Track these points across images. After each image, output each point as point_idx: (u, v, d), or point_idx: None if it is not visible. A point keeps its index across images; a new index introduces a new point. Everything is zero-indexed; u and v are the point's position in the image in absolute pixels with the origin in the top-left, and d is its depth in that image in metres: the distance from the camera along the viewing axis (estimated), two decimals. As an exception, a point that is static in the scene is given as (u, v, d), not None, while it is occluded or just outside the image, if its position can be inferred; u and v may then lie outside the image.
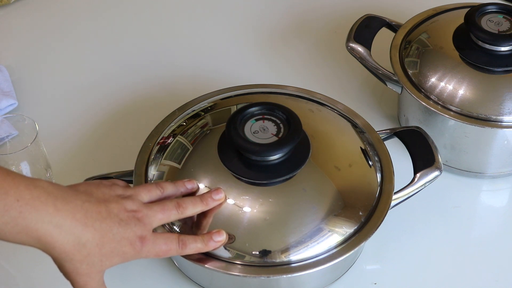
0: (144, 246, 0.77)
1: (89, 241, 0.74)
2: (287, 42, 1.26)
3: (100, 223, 0.75)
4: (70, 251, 0.73)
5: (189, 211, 0.82)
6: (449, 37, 1.04)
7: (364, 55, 1.08)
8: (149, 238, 0.78)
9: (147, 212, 0.79)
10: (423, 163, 0.92)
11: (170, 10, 1.32)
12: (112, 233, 0.75)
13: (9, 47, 1.25)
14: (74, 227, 0.73)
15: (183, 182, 0.86)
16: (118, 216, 0.76)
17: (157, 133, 0.96)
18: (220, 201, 0.85)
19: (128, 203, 0.78)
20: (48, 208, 0.72)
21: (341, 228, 0.85)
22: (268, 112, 0.89)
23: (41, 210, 0.72)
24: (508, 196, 1.05)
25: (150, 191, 0.82)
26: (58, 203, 0.73)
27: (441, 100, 1.01)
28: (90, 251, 0.74)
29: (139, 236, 0.77)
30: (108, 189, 0.79)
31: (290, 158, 0.87)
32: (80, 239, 0.73)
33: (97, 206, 0.76)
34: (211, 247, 0.82)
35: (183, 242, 0.80)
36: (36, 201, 0.72)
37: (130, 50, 1.24)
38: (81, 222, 0.73)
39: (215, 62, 1.22)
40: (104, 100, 1.15)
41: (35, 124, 0.97)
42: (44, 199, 0.72)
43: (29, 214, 0.71)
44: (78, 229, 0.73)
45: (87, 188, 0.78)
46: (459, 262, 0.95)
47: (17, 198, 0.71)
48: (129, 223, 0.77)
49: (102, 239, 0.75)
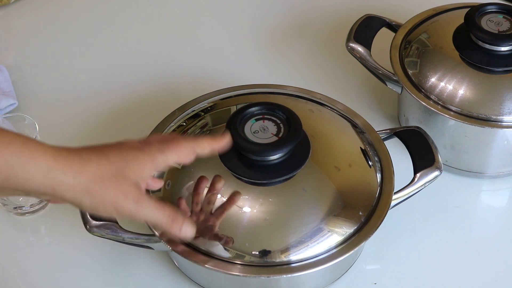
0: (150, 146, 0.76)
1: (91, 157, 0.74)
2: (287, 42, 1.26)
3: (99, 151, 0.76)
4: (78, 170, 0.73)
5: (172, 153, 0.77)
6: (449, 37, 1.04)
7: (364, 55, 1.08)
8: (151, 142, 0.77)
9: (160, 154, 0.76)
10: (423, 163, 0.92)
11: (170, 10, 1.32)
12: (113, 153, 0.75)
13: (9, 47, 1.25)
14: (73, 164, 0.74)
15: (218, 139, 0.82)
16: (122, 147, 0.76)
17: (157, 133, 0.96)
18: (213, 150, 0.80)
19: (136, 143, 0.77)
20: (40, 154, 0.72)
21: (341, 228, 0.85)
22: (268, 112, 0.89)
23: (34, 155, 0.71)
24: (508, 196, 1.05)
25: (180, 154, 0.77)
26: (48, 150, 0.73)
27: (441, 100, 1.01)
28: (99, 163, 0.74)
29: (140, 140, 0.77)
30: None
31: (290, 158, 0.87)
32: (82, 157, 0.74)
33: (96, 148, 0.77)
34: (176, 232, 0.77)
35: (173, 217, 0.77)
36: (24, 149, 0.71)
37: (130, 50, 1.24)
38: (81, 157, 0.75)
39: (215, 62, 1.22)
40: (104, 100, 1.15)
41: (35, 124, 0.97)
42: (34, 148, 0.72)
43: (18, 161, 0.70)
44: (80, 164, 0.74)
45: None
46: (459, 262, 0.95)
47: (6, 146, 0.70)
48: (135, 151, 0.76)
49: (106, 157, 0.74)
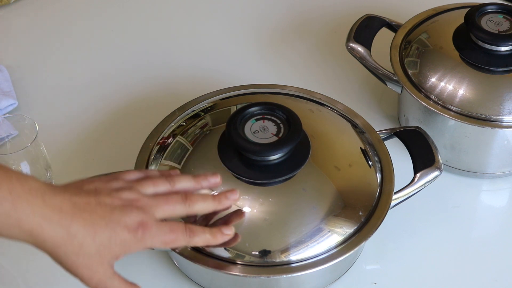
0: (146, 232, 0.73)
1: (79, 232, 0.71)
2: (287, 42, 1.26)
3: (90, 214, 0.72)
4: (61, 243, 0.71)
5: (199, 206, 0.77)
6: (449, 37, 1.04)
7: (364, 55, 1.08)
8: (151, 225, 0.73)
9: (148, 201, 0.74)
10: (423, 163, 0.92)
11: (170, 10, 1.32)
12: (104, 221, 0.72)
13: (9, 47, 1.25)
14: (63, 219, 0.71)
15: (205, 175, 0.80)
16: (111, 205, 0.73)
17: (157, 133, 0.96)
18: (235, 201, 0.81)
19: (124, 194, 0.74)
20: (38, 201, 0.71)
21: (341, 228, 0.85)
22: (268, 112, 0.89)
23: (32, 203, 0.70)
24: (508, 196, 1.05)
25: (156, 184, 0.77)
26: (47, 197, 0.71)
27: (441, 100, 1.01)
28: (82, 242, 0.71)
29: (139, 222, 0.73)
30: (104, 183, 0.76)
31: (290, 158, 0.87)
32: (70, 230, 0.71)
33: (86, 198, 0.73)
34: (220, 240, 0.78)
35: (190, 230, 0.75)
36: (27, 194, 0.70)
37: (130, 50, 1.24)
38: (69, 214, 0.71)
39: (215, 62, 1.22)
40: (104, 100, 1.15)
41: (35, 124, 0.97)
42: (34, 192, 0.71)
43: (21, 207, 0.70)
44: (67, 221, 0.71)
45: (78, 184, 0.75)
46: (459, 262, 0.95)
47: (10, 191, 0.70)
48: (124, 210, 0.73)
49: (94, 228, 0.71)
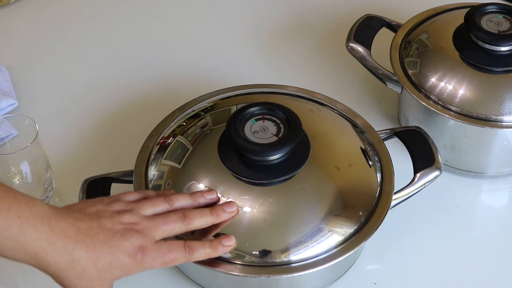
0: (145, 256, 0.76)
1: (82, 257, 0.73)
2: (287, 42, 1.26)
3: (92, 239, 0.74)
4: (64, 267, 0.73)
5: (196, 223, 0.79)
6: (449, 37, 1.04)
7: (364, 55, 1.08)
8: (151, 248, 0.76)
9: (148, 224, 0.77)
10: (423, 163, 0.92)
11: (170, 10, 1.32)
12: (106, 246, 0.74)
13: (9, 47, 1.25)
14: (67, 244, 0.73)
15: (201, 192, 0.83)
16: (112, 229, 0.75)
17: (157, 133, 0.96)
18: (232, 214, 0.82)
19: (125, 217, 0.77)
20: (44, 226, 0.73)
21: (341, 228, 0.85)
22: (268, 112, 0.89)
23: (39, 228, 0.72)
24: (508, 196, 1.05)
25: (155, 204, 0.79)
26: (52, 222, 0.73)
27: (441, 100, 1.01)
28: (84, 267, 0.74)
29: (138, 246, 0.75)
30: (105, 205, 0.78)
31: (290, 158, 0.87)
32: (73, 256, 0.73)
33: (89, 223, 0.75)
34: (220, 252, 0.81)
35: (189, 248, 0.78)
36: (35, 218, 0.72)
37: (130, 50, 1.24)
38: (73, 239, 0.74)
39: (215, 62, 1.22)
40: (104, 100, 1.15)
41: (35, 124, 0.96)
42: (41, 217, 0.73)
43: (29, 231, 0.72)
44: (70, 246, 0.73)
45: (82, 206, 0.77)
46: (459, 262, 0.95)
47: (19, 215, 0.72)
48: (125, 235, 0.75)
49: (96, 253, 0.74)
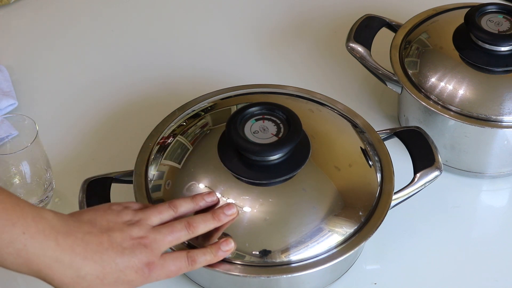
0: (152, 271, 0.76)
1: (88, 274, 0.74)
2: (287, 42, 1.26)
3: (101, 255, 0.74)
4: (69, 283, 0.73)
5: (200, 230, 0.81)
6: (449, 37, 1.04)
7: (364, 55, 1.08)
8: (157, 263, 0.77)
9: (155, 237, 0.78)
10: (423, 163, 0.92)
11: (170, 10, 1.32)
12: (114, 263, 0.75)
13: (9, 47, 1.25)
14: (74, 261, 0.73)
15: (201, 195, 0.83)
16: (122, 245, 0.76)
17: (157, 133, 0.96)
18: (233, 216, 0.83)
19: (134, 230, 0.77)
20: (50, 242, 0.72)
21: (341, 228, 0.85)
22: (268, 112, 0.89)
23: (44, 244, 0.72)
24: (508, 196, 1.05)
25: (162, 212, 0.80)
26: (60, 237, 0.73)
27: (441, 100, 1.01)
28: (90, 283, 0.74)
29: (146, 262, 0.76)
30: (115, 215, 0.78)
31: (290, 158, 0.87)
32: (79, 272, 0.73)
33: (99, 237, 0.75)
34: (221, 257, 0.82)
35: (192, 259, 0.79)
36: (40, 234, 0.72)
37: (130, 50, 1.24)
38: (80, 255, 0.73)
39: (215, 62, 1.22)
40: (104, 100, 1.15)
41: (35, 124, 0.96)
42: (48, 232, 0.72)
43: (33, 247, 0.72)
44: (78, 263, 0.73)
45: (92, 217, 0.77)
46: (459, 262, 0.95)
47: (23, 231, 0.71)
48: (134, 251, 0.76)
49: (103, 270, 0.74)
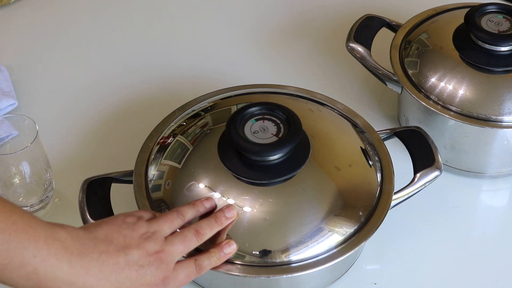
0: (167, 285, 0.77)
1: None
2: (287, 42, 1.26)
3: (117, 275, 0.74)
4: None
5: (207, 235, 0.82)
6: (449, 37, 1.04)
7: (364, 55, 1.08)
8: (171, 277, 0.78)
9: (169, 249, 0.78)
10: (423, 163, 0.92)
11: (170, 10, 1.32)
12: (130, 281, 0.75)
13: (9, 47, 1.25)
14: (87, 283, 0.72)
15: (201, 201, 0.85)
16: (138, 263, 0.76)
17: (157, 133, 0.96)
18: (233, 218, 0.84)
19: (150, 244, 0.77)
20: (63, 266, 0.71)
21: (341, 228, 0.85)
22: (268, 112, 0.89)
23: (56, 268, 0.71)
24: (508, 196, 1.05)
25: (173, 222, 0.81)
26: (74, 259, 0.72)
27: (441, 100, 1.01)
28: None
29: (161, 278, 0.77)
30: (131, 229, 0.77)
31: (290, 158, 0.87)
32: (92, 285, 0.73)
33: (115, 257, 0.75)
34: (224, 259, 0.83)
35: (199, 267, 0.81)
36: (52, 258, 0.71)
37: (130, 50, 1.24)
38: (95, 277, 0.73)
39: (215, 62, 1.22)
40: (104, 100, 1.15)
41: (35, 124, 0.96)
42: (61, 255, 0.71)
43: (44, 271, 0.71)
44: (92, 284, 0.73)
45: (108, 232, 0.76)
46: (459, 262, 0.95)
47: (35, 254, 0.70)
48: (150, 268, 0.76)
49: None
